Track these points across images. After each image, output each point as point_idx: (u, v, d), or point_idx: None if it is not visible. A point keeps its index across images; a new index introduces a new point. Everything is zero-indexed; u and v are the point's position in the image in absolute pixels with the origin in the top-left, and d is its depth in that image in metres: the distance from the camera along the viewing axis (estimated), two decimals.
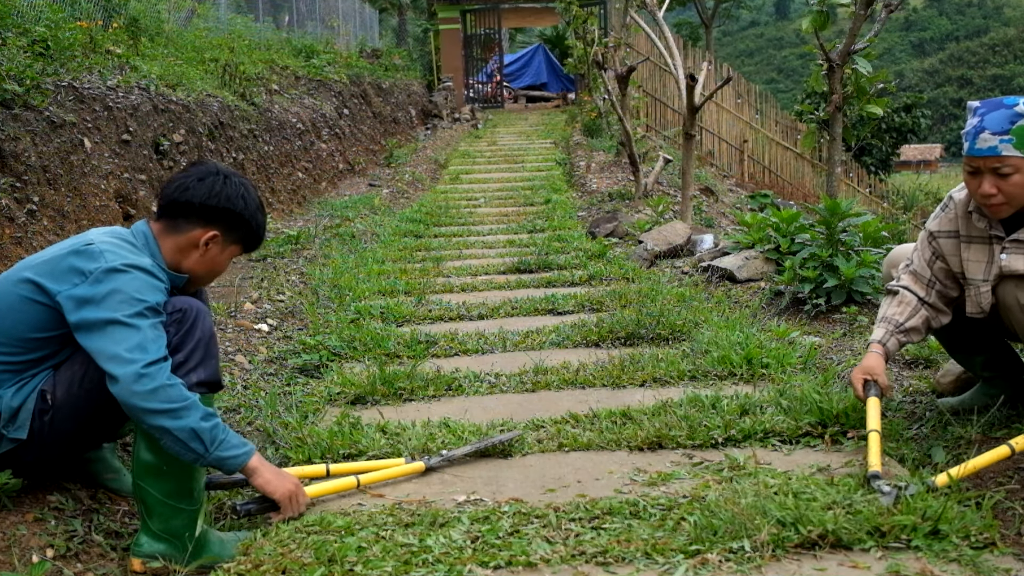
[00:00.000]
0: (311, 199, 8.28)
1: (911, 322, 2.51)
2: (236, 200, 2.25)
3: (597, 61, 9.78)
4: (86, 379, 2.06)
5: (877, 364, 2.47)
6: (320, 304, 4.66)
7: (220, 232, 2.25)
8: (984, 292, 2.40)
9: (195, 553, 2.07)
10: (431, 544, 1.96)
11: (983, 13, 68.69)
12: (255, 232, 2.34)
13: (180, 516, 2.07)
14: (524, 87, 23.21)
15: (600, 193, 8.67)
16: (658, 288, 4.65)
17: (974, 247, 2.44)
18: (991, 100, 2.31)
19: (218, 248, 2.27)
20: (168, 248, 2.22)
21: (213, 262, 2.28)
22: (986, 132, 2.24)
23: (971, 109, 2.33)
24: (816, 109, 5.89)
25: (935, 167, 40.90)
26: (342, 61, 12.59)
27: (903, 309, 2.52)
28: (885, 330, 2.52)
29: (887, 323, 2.53)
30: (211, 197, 2.21)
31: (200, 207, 2.21)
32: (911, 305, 2.52)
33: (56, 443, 2.11)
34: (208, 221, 2.23)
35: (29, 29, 4.81)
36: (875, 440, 2.27)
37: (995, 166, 2.24)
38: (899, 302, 2.54)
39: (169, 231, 2.23)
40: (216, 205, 2.22)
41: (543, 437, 2.67)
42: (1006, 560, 1.82)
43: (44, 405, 2.06)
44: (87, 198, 4.40)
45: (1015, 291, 2.34)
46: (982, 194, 2.29)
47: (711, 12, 29.72)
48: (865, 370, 2.47)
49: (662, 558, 1.87)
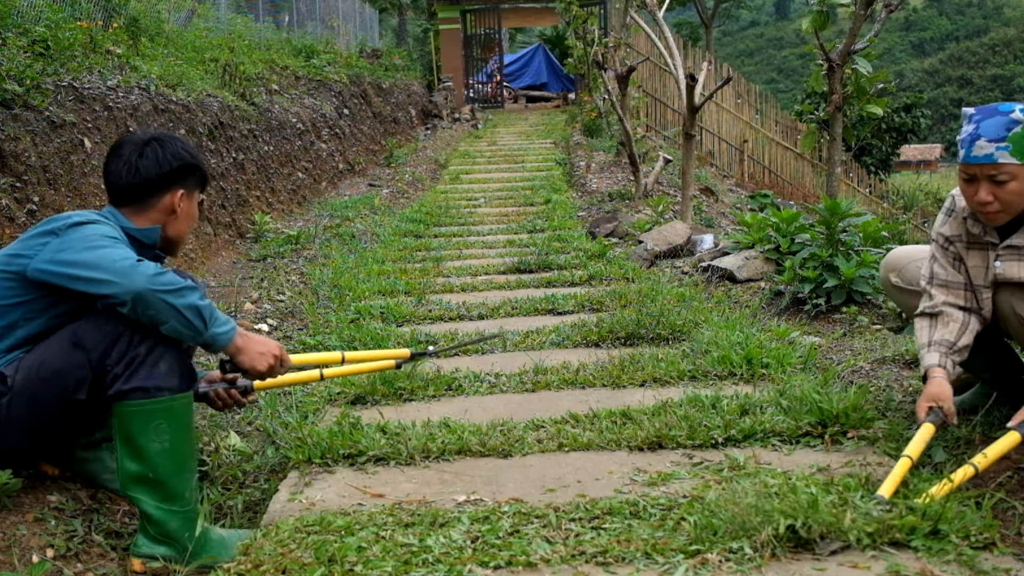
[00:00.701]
0: (311, 199, 8.28)
1: (963, 340, 2.39)
2: (182, 154, 2.35)
3: (597, 61, 9.78)
4: (43, 368, 2.03)
5: (944, 391, 2.29)
6: (320, 304, 4.67)
7: (183, 189, 2.35)
8: (985, 299, 2.39)
9: (195, 553, 2.07)
10: (431, 544, 1.96)
11: (983, 13, 68.70)
12: (203, 169, 2.45)
13: (176, 518, 2.06)
14: (524, 87, 23.22)
15: (600, 193, 8.68)
16: (658, 288, 4.65)
17: (973, 252, 2.42)
18: (986, 107, 2.29)
19: (188, 202, 2.38)
20: (143, 223, 2.30)
21: (188, 215, 2.39)
22: (982, 139, 2.22)
23: (966, 116, 2.31)
24: (816, 109, 5.89)
25: (935, 167, 40.89)
26: (342, 61, 12.60)
27: (952, 328, 2.40)
28: (940, 353, 2.37)
29: (939, 346, 2.38)
30: (163, 165, 2.30)
31: (159, 178, 2.29)
32: (959, 322, 2.40)
33: (18, 432, 2.07)
34: (170, 185, 2.32)
35: (29, 29, 4.81)
36: (903, 465, 2.13)
37: (991, 173, 2.22)
38: (945, 323, 2.41)
39: (139, 211, 2.30)
40: (171, 169, 2.31)
41: (543, 437, 2.66)
42: (1006, 560, 1.82)
43: (3, 387, 2.04)
44: (87, 198, 4.40)
45: (1010, 299, 2.33)
46: (978, 201, 2.27)
47: (711, 12, 29.73)
48: (931, 397, 2.29)
49: (662, 558, 1.87)
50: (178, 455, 2.08)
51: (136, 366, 2.02)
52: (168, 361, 2.05)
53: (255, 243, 6.16)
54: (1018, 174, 2.20)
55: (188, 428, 2.12)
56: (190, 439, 2.13)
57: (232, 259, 5.73)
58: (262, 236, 6.23)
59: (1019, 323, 2.34)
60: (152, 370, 2.03)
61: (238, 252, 5.95)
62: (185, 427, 2.10)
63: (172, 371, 2.06)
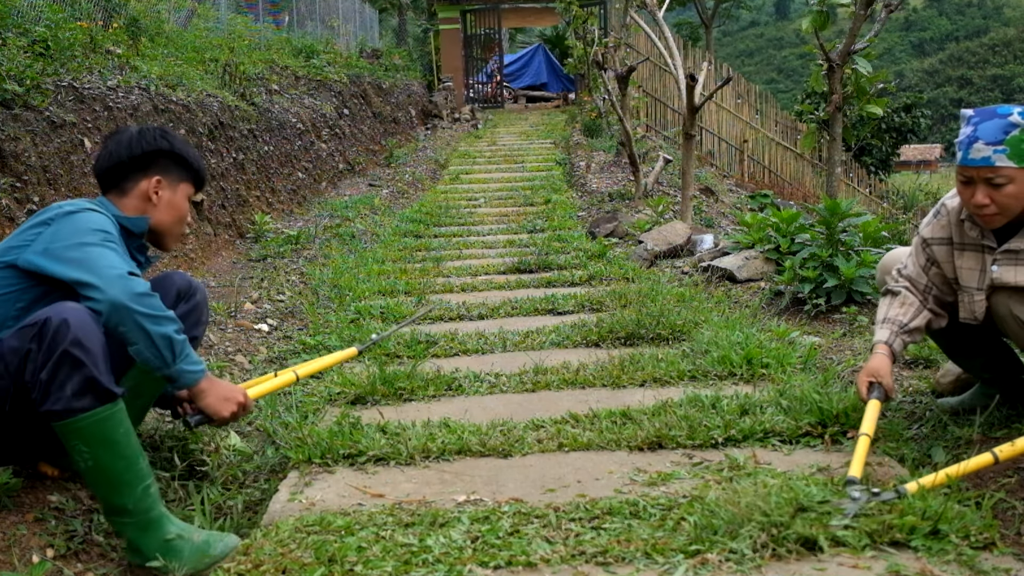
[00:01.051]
0: (311, 199, 8.28)
1: (915, 322, 2.48)
2: (159, 140, 2.38)
3: (597, 61, 9.78)
4: None
5: (883, 366, 2.42)
6: (320, 304, 4.67)
7: (161, 175, 2.38)
8: (978, 301, 2.40)
9: (171, 558, 2.00)
10: (431, 544, 1.96)
11: (983, 13, 68.70)
12: (192, 163, 2.45)
13: (129, 529, 2.02)
14: (524, 87, 23.22)
15: (600, 193, 8.67)
16: (658, 288, 4.65)
17: (967, 254, 2.43)
18: (984, 109, 2.29)
19: (168, 191, 2.40)
20: (129, 210, 2.34)
21: (171, 206, 2.40)
22: (980, 142, 2.21)
23: (964, 118, 2.31)
24: (816, 109, 5.90)
25: (935, 167, 40.87)
26: (342, 61, 12.59)
27: (906, 309, 2.49)
28: (890, 331, 2.48)
29: (891, 323, 2.49)
30: (134, 147, 2.35)
31: (131, 161, 2.34)
32: (914, 305, 2.50)
33: None
34: (145, 169, 2.36)
35: (29, 29, 4.81)
36: (863, 444, 2.22)
37: (988, 176, 2.22)
38: (901, 302, 2.51)
39: (120, 196, 2.36)
40: (143, 151, 2.35)
41: (543, 437, 2.66)
42: (1006, 560, 1.82)
43: None
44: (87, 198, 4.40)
45: (1008, 301, 2.33)
46: (975, 204, 2.27)
47: (711, 12, 29.73)
48: (870, 372, 2.42)
49: (662, 558, 1.87)
50: (107, 472, 1.98)
51: (43, 387, 1.92)
52: (74, 383, 1.92)
53: (255, 243, 6.16)
54: (1015, 177, 2.20)
55: (113, 444, 1.98)
56: (121, 455, 1.99)
57: (232, 259, 5.73)
58: (262, 236, 6.23)
59: (1017, 326, 2.34)
60: (59, 393, 1.92)
61: (238, 252, 5.94)
62: (108, 444, 1.97)
63: (79, 391, 1.92)
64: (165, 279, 2.50)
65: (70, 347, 1.91)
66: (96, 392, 1.94)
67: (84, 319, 1.96)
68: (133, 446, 2.02)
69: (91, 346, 1.94)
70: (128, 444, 2.01)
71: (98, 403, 1.95)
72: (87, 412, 1.94)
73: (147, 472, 2.05)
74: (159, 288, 2.42)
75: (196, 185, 2.49)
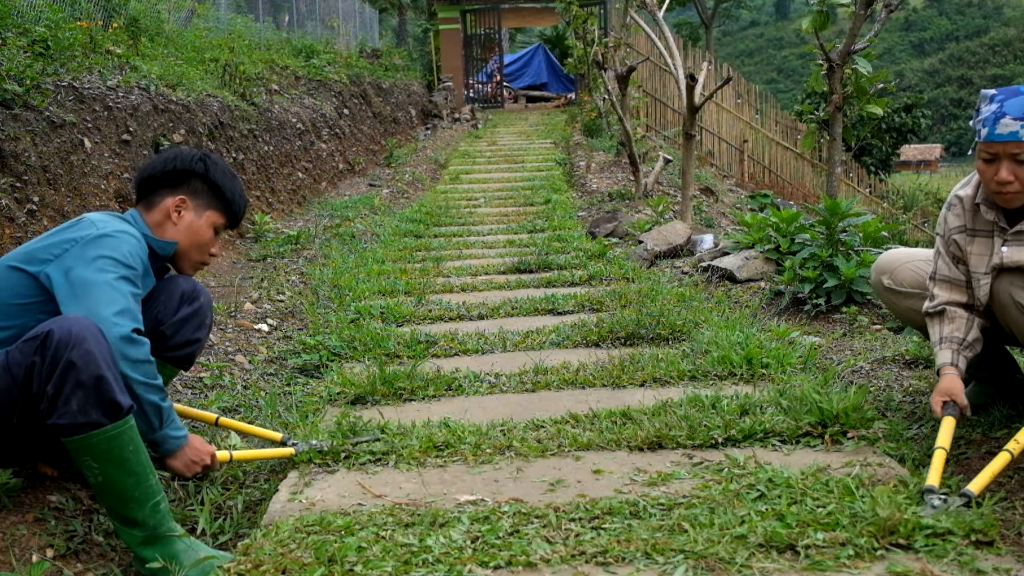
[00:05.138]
0: (311, 199, 8.28)
1: (971, 335, 2.45)
2: (194, 162, 2.39)
3: (597, 61, 9.78)
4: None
5: (954, 385, 2.37)
6: (320, 304, 4.66)
7: (187, 195, 2.37)
8: (983, 284, 2.41)
9: None
10: (431, 544, 1.96)
11: (983, 13, 68.68)
12: (225, 194, 2.42)
13: (135, 540, 2.02)
14: (524, 87, 23.22)
15: (600, 193, 8.67)
16: (658, 288, 4.65)
17: (978, 240, 2.43)
18: (1008, 88, 2.31)
19: (191, 214, 2.38)
20: (152, 224, 2.35)
21: (191, 230, 2.38)
22: (1007, 117, 2.22)
23: (987, 97, 2.31)
24: (816, 109, 5.88)
25: (935, 167, 40.88)
26: (342, 61, 12.59)
27: (959, 324, 2.46)
28: (951, 351, 2.44)
29: (949, 343, 2.45)
30: (168, 164, 2.38)
31: (162, 176, 2.37)
32: (964, 318, 2.46)
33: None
34: (173, 187, 2.37)
35: (29, 29, 4.81)
36: (939, 457, 2.18)
37: (1014, 152, 2.23)
38: (950, 319, 2.47)
39: (147, 209, 2.37)
40: (174, 169, 2.37)
41: (543, 437, 2.67)
42: (1006, 560, 1.82)
43: None
44: (87, 198, 4.40)
45: (1010, 287, 2.34)
46: (998, 181, 2.27)
47: (711, 12, 29.74)
48: (943, 392, 2.36)
49: (662, 558, 1.87)
50: (116, 487, 1.97)
51: (49, 400, 1.89)
52: (79, 397, 1.88)
53: (255, 243, 6.16)
54: None
55: (123, 462, 1.95)
56: (130, 471, 1.97)
57: (232, 259, 5.73)
58: (262, 236, 6.23)
59: (1018, 312, 2.34)
60: (65, 407, 1.88)
61: (238, 252, 5.94)
62: (117, 461, 1.94)
63: (86, 407, 1.88)
64: (170, 282, 2.47)
65: (74, 359, 1.87)
66: (103, 406, 1.90)
67: (90, 330, 1.92)
68: (143, 463, 2.00)
69: (97, 358, 1.89)
70: (138, 461, 1.99)
71: (105, 418, 1.91)
72: (96, 429, 1.90)
73: (157, 489, 2.03)
74: (163, 291, 2.42)
75: (227, 217, 2.44)
